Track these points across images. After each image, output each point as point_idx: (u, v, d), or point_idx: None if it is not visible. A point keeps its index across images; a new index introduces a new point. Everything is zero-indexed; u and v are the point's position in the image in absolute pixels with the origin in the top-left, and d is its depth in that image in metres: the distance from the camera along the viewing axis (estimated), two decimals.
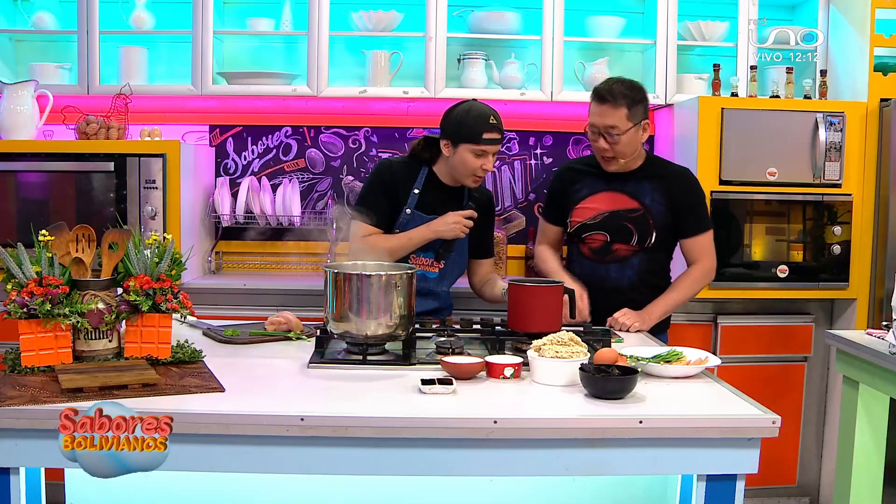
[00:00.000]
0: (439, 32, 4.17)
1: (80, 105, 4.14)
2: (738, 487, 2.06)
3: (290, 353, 2.60)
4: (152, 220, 3.84)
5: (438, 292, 3.23)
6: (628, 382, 2.13)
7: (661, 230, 3.17)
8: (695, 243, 3.22)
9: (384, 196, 3.13)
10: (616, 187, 3.19)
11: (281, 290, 3.98)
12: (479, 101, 3.15)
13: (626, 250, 3.19)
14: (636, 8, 4.49)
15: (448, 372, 2.28)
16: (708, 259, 3.23)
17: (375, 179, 3.19)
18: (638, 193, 3.18)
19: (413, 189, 3.16)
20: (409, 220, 3.14)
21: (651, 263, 3.21)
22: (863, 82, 4.06)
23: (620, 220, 3.18)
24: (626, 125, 3.07)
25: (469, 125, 3.04)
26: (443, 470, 2.04)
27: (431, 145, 3.19)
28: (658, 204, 3.16)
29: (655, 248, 3.19)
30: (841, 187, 4.02)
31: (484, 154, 3.04)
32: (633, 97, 3.08)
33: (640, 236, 3.16)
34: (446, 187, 3.19)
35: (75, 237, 2.38)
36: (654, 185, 3.18)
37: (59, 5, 4.32)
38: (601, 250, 3.21)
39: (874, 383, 2.99)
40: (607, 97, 3.07)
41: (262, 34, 4.36)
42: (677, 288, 3.20)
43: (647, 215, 3.16)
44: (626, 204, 3.18)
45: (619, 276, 3.19)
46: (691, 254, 3.23)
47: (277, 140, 4.56)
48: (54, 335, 2.24)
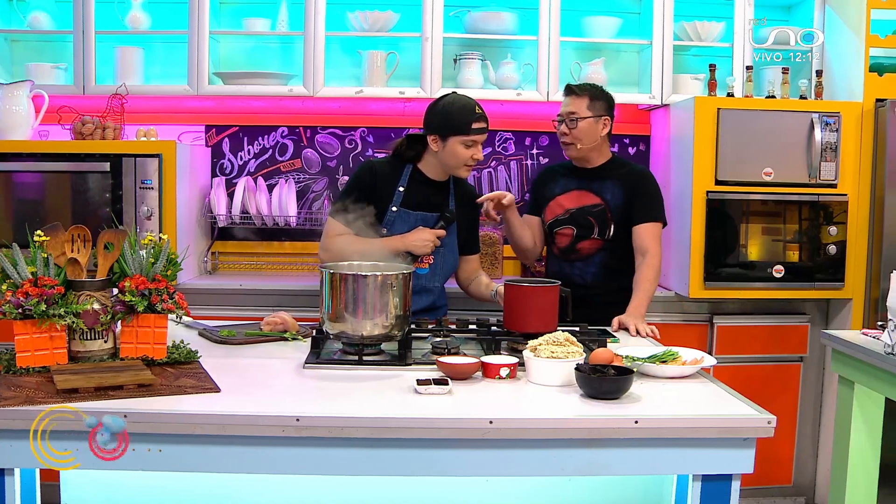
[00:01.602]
0: (435, 32, 4.17)
1: (75, 105, 4.13)
2: (733, 487, 2.07)
3: (285, 353, 2.60)
4: (148, 221, 3.83)
5: (431, 288, 3.23)
6: (624, 383, 2.13)
7: (619, 223, 3.43)
8: (643, 231, 3.39)
9: (363, 198, 3.13)
10: (584, 186, 3.50)
11: (277, 290, 3.97)
12: (458, 93, 3.23)
13: (588, 247, 3.47)
14: (632, 8, 4.49)
15: (444, 372, 2.28)
16: (653, 248, 3.37)
17: (356, 181, 3.21)
18: (601, 190, 3.47)
19: (398, 187, 3.17)
20: (395, 217, 3.15)
21: (612, 259, 3.46)
22: (858, 83, 4.07)
23: (585, 214, 3.47)
24: (584, 113, 3.39)
25: (457, 117, 3.08)
26: (438, 470, 2.04)
27: (414, 143, 3.21)
28: (617, 198, 3.44)
29: (615, 242, 3.44)
30: (836, 187, 4.02)
31: (474, 144, 3.11)
32: (597, 92, 3.44)
33: (600, 228, 3.44)
34: (432, 183, 3.21)
35: (71, 237, 2.38)
36: (616, 182, 3.46)
37: (55, 5, 4.31)
38: (567, 249, 3.50)
39: (869, 383, 2.99)
40: (574, 89, 3.45)
41: (258, 34, 4.36)
42: (644, 279, 3.32)
43: (606, 210, 3.44)
44: (590, 200, 3.47)
45: (583, 272, 3.47)
46: (640, 241, 3.38)
47: (273, 140, 4.55)
48: (49, 336, 2.24)
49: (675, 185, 4.15)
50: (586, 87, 3.45)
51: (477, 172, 4.58)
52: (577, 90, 3.44)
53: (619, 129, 4.55)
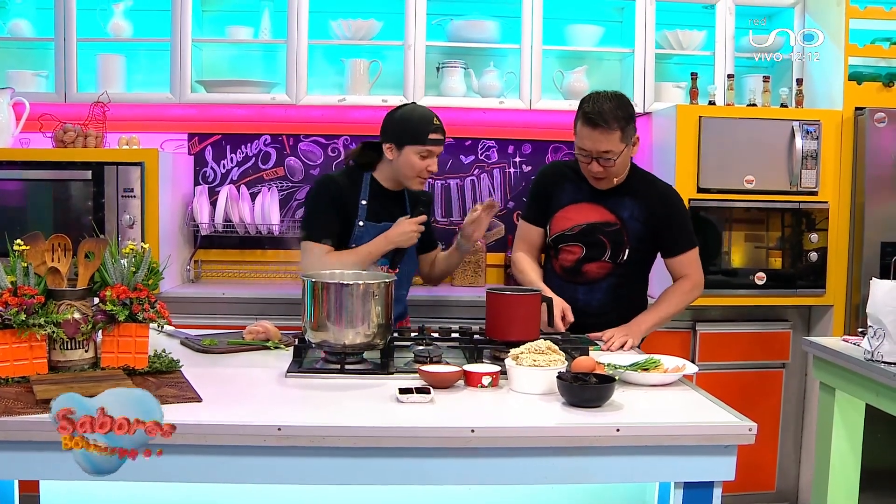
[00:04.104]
0: (418, 41, 4.17)
1: (57, 113, 4.10)
2: (715, 494, 2.07)
3: (267, 362, 2.59)
4: (130, 229, 3.82)
5: (399, 296, 3.21)
6: (605, 390, 2.14)
7: (635, 247, 3.09)
8: (682, 261, 3.13)
9: (334, 212, 3.07)
10: (597, 199, 3.09)
11: (259, 298, 3.96)
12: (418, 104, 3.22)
13: (595, 271, 3.12)
14: (614, 17, 4.51)
15: (426, 381, 2.28)
16: (696, 274, 3.14)
17: (322, 197, 3.10)
18: (617, 208, 3.09)
19: (360, 200, 3.12)
20: (363, 232, 3.09)
21: (622, 286, 3.14)
22: (838, 91, 4.11)
23: (596, 233, 3.09)
24: (620, 147, 2.95)
25: (413, 126, 3.04)
26: (421, 479, 2.04)
27: (369, 151, 3.17)
28: (635, 220, 3.07)
29: (627, 267, 3.11)
30: (817, 195, 4.06)
31: (430, 155, 3.05)
32: (626, 117, 2.95)
33: (613, 251, 3.08)
34: (389, 193, 3.16)
35: (51, 246, 2.37)
36: (636, 202, 3.08)
37: (37, 12, 4.30)
38: (572, 270, 3.14)
39: (850, 389, 3.01)
40: (600, 122, 2.90)
41: (241, 42, 4.36)
42: (667, 300, 3.11)
43: (622, 230, 3.08)
44: (603, 217, 3.09)
45: (588, 298, 3.11)
46: (679, 271, 3.14)
47: (256, 148, 4.55)
48: (29, 345, 2.22)
49: None
50: (615, 118, 2.91)
51: (460, 181, 4.59)
52: (604, 124, 2.90)
53: None
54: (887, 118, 3.97)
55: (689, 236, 3.15)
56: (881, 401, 2.82)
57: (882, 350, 2.75)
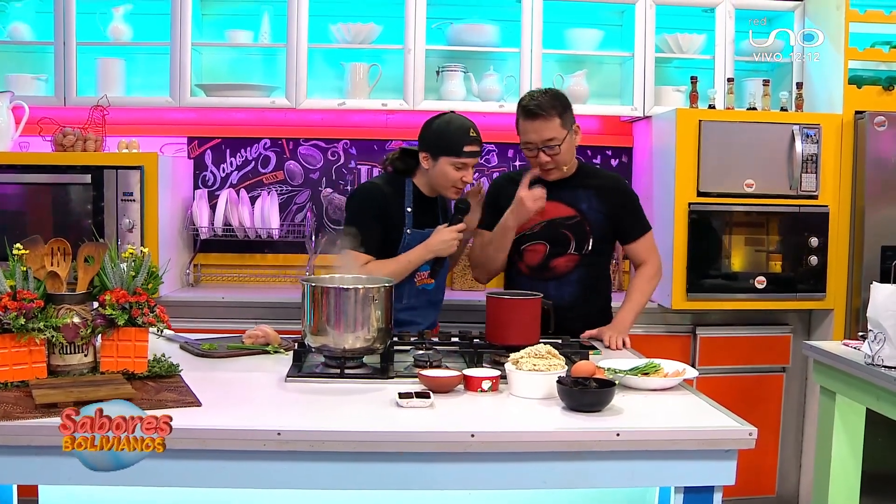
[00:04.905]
0: (418, 45, 4.17)
1: (56, 117, 4.11)
2: (715, 499, 2.07)
3: (267, 366, 2.59)
4: (130, 233, 3.81)
5: (436, 301, 3.25)
6: (605, 395, 2.13)
7: (599, 237, 3.19)
8: (640, 245, 3.27)
9: (378, 222, 3.06)
10: (552, 196, 3.13)
11: (259, 302, 3.96)
12: (457, 112, 3.16)
13: (563, 265, 3.18)
14: (614, 21, 4.51)
15: (426, 385, 2.28)
16: (655, 258, 3.29)
17: (368, 205, 3.09)
18: (575, 201, 3.18)
19: (406, 207, 3.11)
20: (410, 239, 3.09)
21: (590, 276, 3.22)
22: (838, 95, 4.10)
23: (558, 227, 3.17)
24: (562, 133, 3.08)
25: (450, 138, 3.04)
26: (420, 484, 2.03)
27: (408, 157, 3.18)
28: (595, 211, 3.18)
29: (593, 257, 3.20)
30: (817, 199, 4.05)
31: (465, 166, 3.05)
32: (562, 105, 3.11)
33: (578, 243, 3.17)
34: (428, 199, 3.18)
35: (50, 250, 2.37)
36: (589, 192, 3.19)
37: (36, 16, 4.29)
38: (540, 267, 3.19)
39: (850, 394, 3.01)
40: (539, 111, 3.06)
41: (240, 46, 4.35)
42: (637, 289, 3.24)
43: (584, 222, 3.17)
44: (562, 212, 3.17)
45: (559, 293, 3.13)
46: (638, 256, 3.29)
47: (256, 152, 4.55)
48: (28, 350, 2.22)
49: (658, 196, 4.17)
50: (552, 105, 3.07)
51: None
52: (542, 112, 3.06)
53: (601, 140, 4.60)
54: (887, 122, 3.97)
55: (644, 220, 3.31)
56: (882, 405, 2.82)
57: (882, 354, 2.74)
